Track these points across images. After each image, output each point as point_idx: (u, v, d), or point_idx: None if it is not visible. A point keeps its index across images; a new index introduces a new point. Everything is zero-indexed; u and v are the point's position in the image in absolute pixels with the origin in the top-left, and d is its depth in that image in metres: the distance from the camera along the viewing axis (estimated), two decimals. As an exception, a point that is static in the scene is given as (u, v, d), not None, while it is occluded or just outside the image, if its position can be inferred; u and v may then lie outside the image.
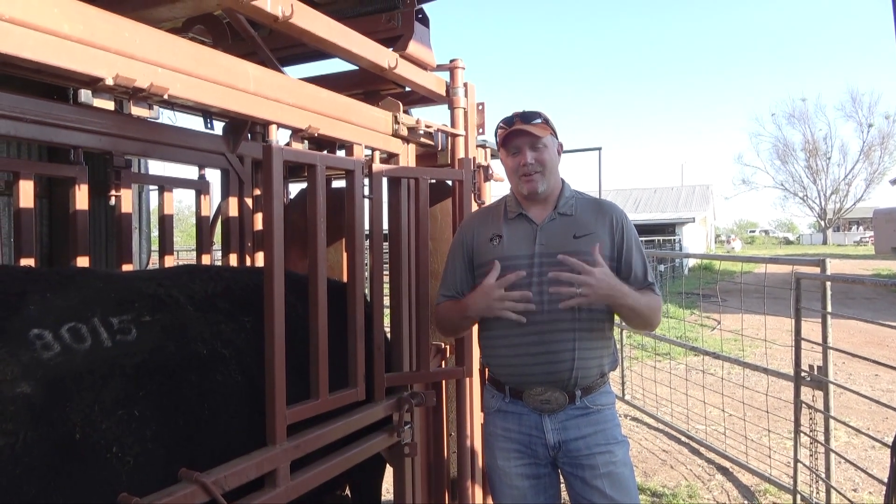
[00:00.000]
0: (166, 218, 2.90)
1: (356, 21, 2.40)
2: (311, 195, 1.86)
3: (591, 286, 1.83)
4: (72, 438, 1.35)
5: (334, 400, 1.91)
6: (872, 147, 53.11)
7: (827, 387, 3.72)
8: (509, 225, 2.10)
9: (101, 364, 1.46)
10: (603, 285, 1.85)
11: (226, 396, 1.71)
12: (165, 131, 2.57)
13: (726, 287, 12.75)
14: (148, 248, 4.87)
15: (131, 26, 1.34)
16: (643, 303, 1.98)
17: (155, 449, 1.48)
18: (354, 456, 2.01)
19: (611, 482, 1.96)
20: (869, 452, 4.81)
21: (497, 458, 2.09)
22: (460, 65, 2.66)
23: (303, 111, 1.91)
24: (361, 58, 2.10)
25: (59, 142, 2.13)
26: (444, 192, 2.78)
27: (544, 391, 1.99)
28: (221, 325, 1.82)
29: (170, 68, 1.43)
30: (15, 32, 1.10)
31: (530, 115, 2.04)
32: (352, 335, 2.03)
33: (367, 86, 2.74)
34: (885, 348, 8.64)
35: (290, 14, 1.69)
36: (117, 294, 1.65)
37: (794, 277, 3.98)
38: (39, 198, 3.34)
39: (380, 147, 2.35)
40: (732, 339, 8.56)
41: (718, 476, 4.50)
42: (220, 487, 1.45)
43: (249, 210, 3.17)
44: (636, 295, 1.96)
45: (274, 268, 1.68)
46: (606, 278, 1.87)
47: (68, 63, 1.20)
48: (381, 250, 2.35)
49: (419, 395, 2.27)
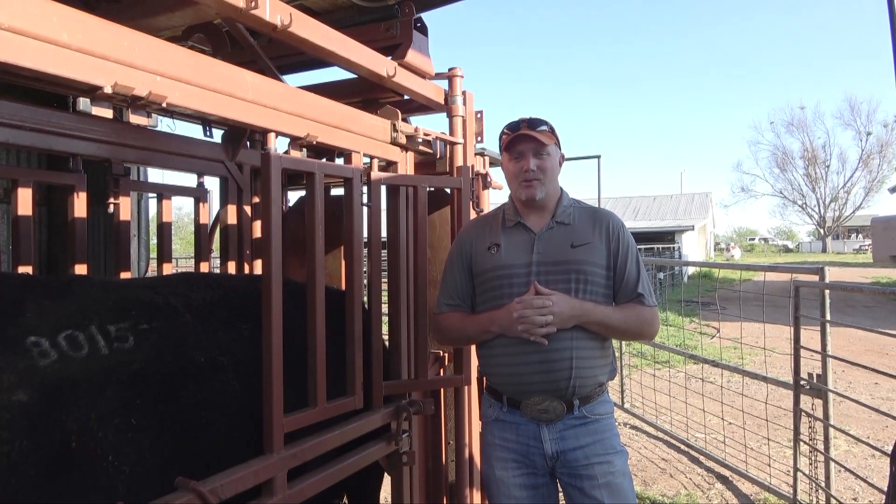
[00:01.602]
0: (165, 225, 2.90)
1: (355, 30, 2.41)
2: (310, 203, 1.86)
3: (555, 313, 1.89)
4: (68, 447, 1.35)
5: (332, 408, 1.90)
6: (871, 155, 53.27)
7: (826, 395, 3.71)
8: (507, 233, 2.10)
9: (99, 372, 1.45)
10: (565, 308, 1.91)
11: (223, 405, 1.71)
12: (164, 139, 2.58)
13: (725, 295, 12.73)
14: (146, 255, 4.88)
15: (130, 35, 1.35)
16: (617, 318, 2.00)
17: (152, 457, 1.48)
18: (352, 464, 2.00)
19: (609, 492, 1.96)
20: (869, 461, 4.80)
21: (495, 467, 2.08)
22: (459, 73, 2.67)
23: (301, 119, 1.91)
24: (360, 66, 2.11)
25: (59, 150, 2.13)
26: (442, 200, 2.79)
27: (542, 401, 1.98)
28: (219, 333, 1.81)
29: (168, 77, 1.43)
30: (14, 41, 1.10)
31: (536, 122, 2.05)
32: (350, 343, 2.02)
33: (366, 94, 2.75)
34: (884, 357, 8.62)
35: (289, 23, 1.70)
36: (115, 302, 1.64)
37: (793, 285, 3.98)
38: (38, 205, 3.34)
39: (378, 155, 2.35)
40: (732, 347, 8.55)
41: (718, 485, 4.49)
42: (216, 496, 1.44)
43: (248, 218, 3.17)
44: (606, 311, 1.99)
45: (272, 275, 1.68)
46: (565, 301, 1.93)
47: (67, 72, 1.20)
48: (379, 258, 2.35)
49: (417, 404, 2.26)
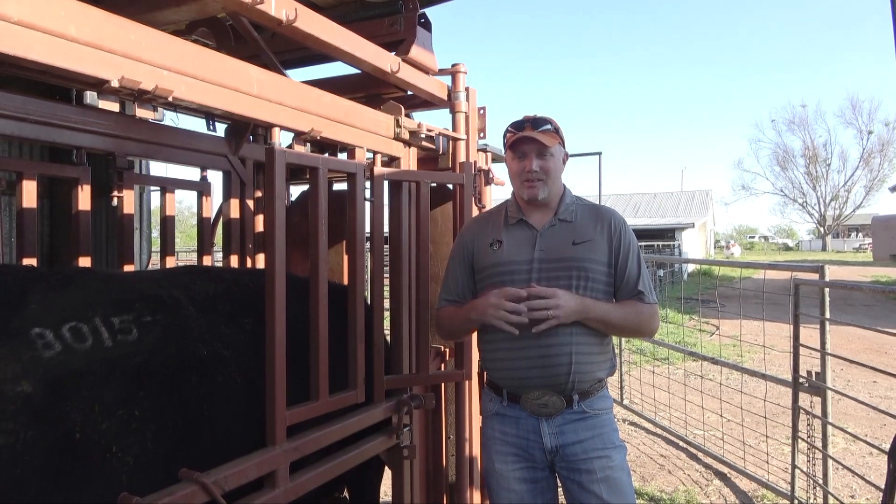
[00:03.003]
0: (168, 219, 2.91)
1: (359, 25, 2.41)
2: (313, 198, 1.87)
3: (559, 307, 1.90)
4: (72, 438, 1.35)
5: (334, 402, 1.91)
6: (872, 154, 53.23)
7: (825, 393, 3.73)
8: (510, 230, 2.11)
9: (102, 364, 1.46)
10: (570, 304, 1.92)
11: (226, 397, 1.72)
12: (168, 133, 2.58)
13: (725, 292, 12.75)
14: (148, 248, 4.88)
15: (137, 29, 1.35)
16: (617, 315, 2.01)
17: (155, 449, 1.49)
18: (353, 458, 2.02)
19: (608, 487, 1.97)
20: (867, 459, 4.82)
21: (495, 461, 2.09)
22: (462, 69, 2.67)
23: (305, 114, 1.92)
24: (364, 62, 2.11)
25: (63, 142, 2.14)
26: (444, 196, 2.79)
27: (542, 395, 2.00)
28: (222, 326, 1.82)
29: (175, 71, 1.44)
30: (24, 35, 1.11)
31: (541, 122, 2.05)
32: (352, 337, 2.03)
33: (370, 89, 2.75)
34: (883, 355, 8.64)
35: (294, 18, 1.70)
36: (118, 294, 1.65)
37: (793, 283, 3.99)
38: (40, 198, 3.35)
39: (381, 150, 2.35)
40: (731, 345, 8.57)
41: (716, 481, 4.51)
42: (219, 488, 1.46)
43: (251, 212, 3.18)
44: (607, 308, 2.00)
45: (275, 269, 1.69)
46: (569, 297, 1.94)
47: (75, 65, 1.21)
48: (381, 253, 2.36)
49: (418, 398, 2.27)
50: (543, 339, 1.97)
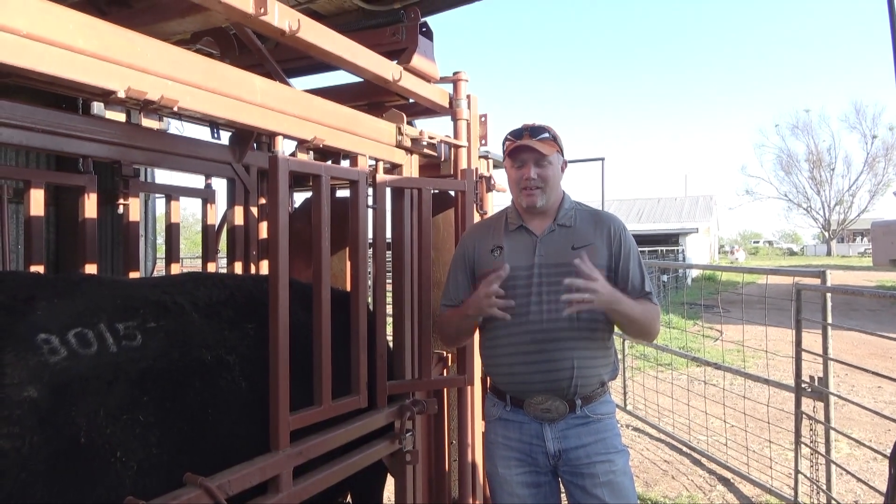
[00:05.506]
0: (172, 226, 2.93)
1: (361, 34, 2.44)
2: (316, 205, 1.89)
3: (597, 292, 1.87)
4: (77, 442, 1.37)
5: (337, 407, 1.93)
6: (876, 158, 53.07)
7: (827, 398, 3.72)
8: (510, 237, 2.12)
9: (107, 369, 1.48)
10: (606, 290, 1.90)
11: (229, 402, 1.73)
12: (173, 141, 2.61)
13: (729, 298, 12.72)
14: (154, 255, 4.91)
15: (143, 41, 1.38)
16: (638, 311, 2.01)
17: (159, 454, 1.51)
18: (356, 463, 2.03)
19: (610, 491, 1.98)
20: (871, 464, 4.80)
21: (498, 465, 2.10)
22: (463, 77, 2.70)
23: (308, 122, 1.94)
24: (366, 70, 2.14)
25: (70, 151, 2.17)
26: (446, 203, 2.81)
27: (545, 400, 2.01)
28: (225, 331, 1.84)
29: (180, 81, 1.46)
30: (33, 48, 1.14)
31: (539, 130, 2.06)
32: (355, 343, 2.05)
33: (372, 97, 2.78)
34: (888, 360, 8.60)
35: (298, 28, 1.73)
36: (123, 300, 1.67)
37: (795, 288, 3.99)
38: (47, 205, 3.39)
39: (383, 158, 2.38)
40: (734, 350, 8.54)
41: (720, 487, 4.49)
42: (223, 492, 1.47)
43: (254, 219, 3.21)
44: (631, 303, 2.00)
45: (279, 276, 1.70)
46: (607, 285, 1.92)
47: (83, 77, 1.23)
48: (384, 259, 2.37)
49: (421, 403, 2.28)
50: (546, 342, 1.98)
